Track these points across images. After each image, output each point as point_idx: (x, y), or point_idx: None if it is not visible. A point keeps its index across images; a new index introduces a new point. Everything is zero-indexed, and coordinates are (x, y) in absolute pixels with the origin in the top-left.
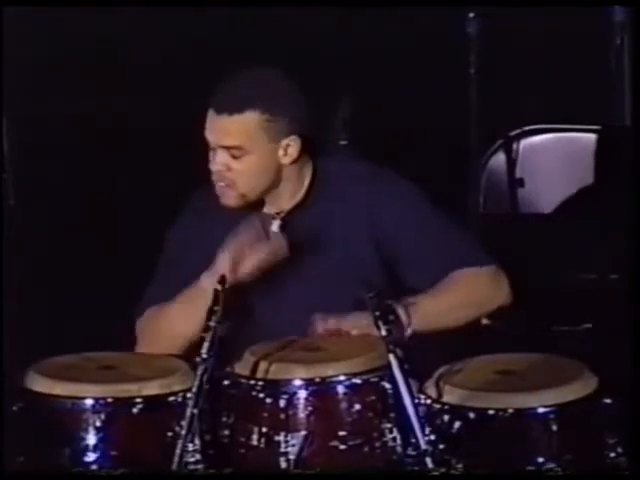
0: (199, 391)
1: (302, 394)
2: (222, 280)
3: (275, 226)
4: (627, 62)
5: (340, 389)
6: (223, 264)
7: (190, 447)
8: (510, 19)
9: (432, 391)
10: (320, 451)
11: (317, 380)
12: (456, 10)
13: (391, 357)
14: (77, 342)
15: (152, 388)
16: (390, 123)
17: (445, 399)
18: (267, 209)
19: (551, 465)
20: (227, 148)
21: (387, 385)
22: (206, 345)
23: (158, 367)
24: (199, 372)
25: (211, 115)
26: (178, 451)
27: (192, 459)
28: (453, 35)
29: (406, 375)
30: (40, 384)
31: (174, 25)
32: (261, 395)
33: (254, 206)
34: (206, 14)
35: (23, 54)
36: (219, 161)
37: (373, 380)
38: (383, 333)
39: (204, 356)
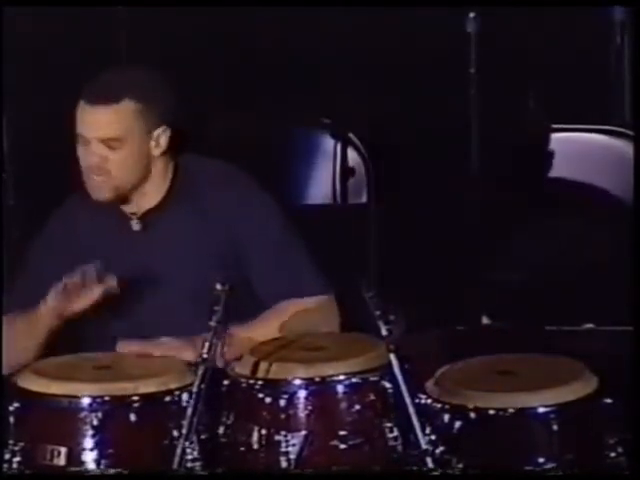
0: (199, 390)
1: (302, 394)
2: (223, 280)
3: (135, 226)
4: (627, 62)
5: (340, 388)
6: (52, 300)
7: (187, 445)
8: (510, 19)
9: (432, 391)
10: (320, 450)
11: (317, 380)
12: (456, 10)
13: (391, 357)
14: (76, 342)
15: (149, 386)
16: (390, 123)
17: (445, 399)
18: (128, 208)
19: (551, 465)
20: (104, 140)
21: (387, 384)
22: (206, 345)
23: (154, 366)
24: (200, 372)
25: (84, 108)
26: (179, 450)
27: (189, 457)
28: (453, 35)
29: (406, 374)
30: (37, 384)
31: (175, 25)
32: (261, 395)
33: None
34: (206, 14)
35: (23, 54)
36: (96, 153)
37: (373, 379)
38: (383, 333)
39: (204, 356)
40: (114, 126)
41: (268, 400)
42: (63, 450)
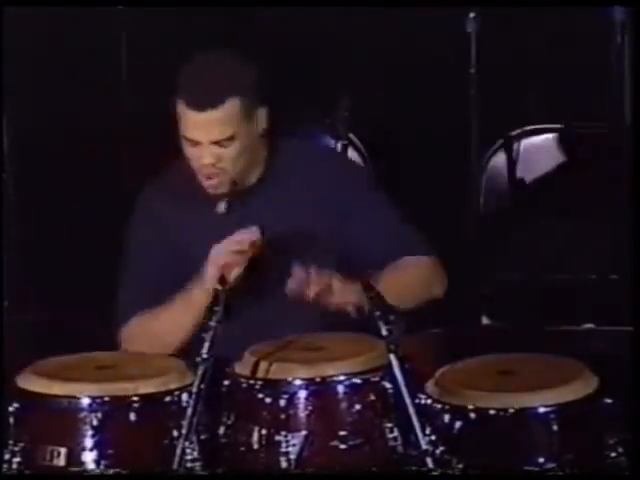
0: (199, 391)
1: (302, 394)
2: (222, 280)
3: (221, 207)
4: (627, 62)
5: (340, 389)
6: (211, 278)
7: (187, 445)
8: (510, 19)
9: (433, 391)
10: (321, 451)
11: (317, 380)
12: (456, 10)
13: (391, 357)
14: (76, 342)
15: (149, 386)
16: (390, 123)
17: (445, 399)
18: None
19: (551, 465)
20: (217, 142)
21: (387, 385)
22: (206, 345)
23: (155, 366)
24: (199, 372)
25: (188, 113)
26: (179, 450)
27: (189, 457)
28: (453, 35)
29: (406, 375)
30: (36, 384)
31: (174, 25)
32: (261, 395)
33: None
34: (206, 14)
35: (23, 54)
36: (211, 154)
37: (373, 380)
38: (383, 333)
39: (204, 356)
40: (225, 127)
41: (268, 400)
42: (63, 450)
